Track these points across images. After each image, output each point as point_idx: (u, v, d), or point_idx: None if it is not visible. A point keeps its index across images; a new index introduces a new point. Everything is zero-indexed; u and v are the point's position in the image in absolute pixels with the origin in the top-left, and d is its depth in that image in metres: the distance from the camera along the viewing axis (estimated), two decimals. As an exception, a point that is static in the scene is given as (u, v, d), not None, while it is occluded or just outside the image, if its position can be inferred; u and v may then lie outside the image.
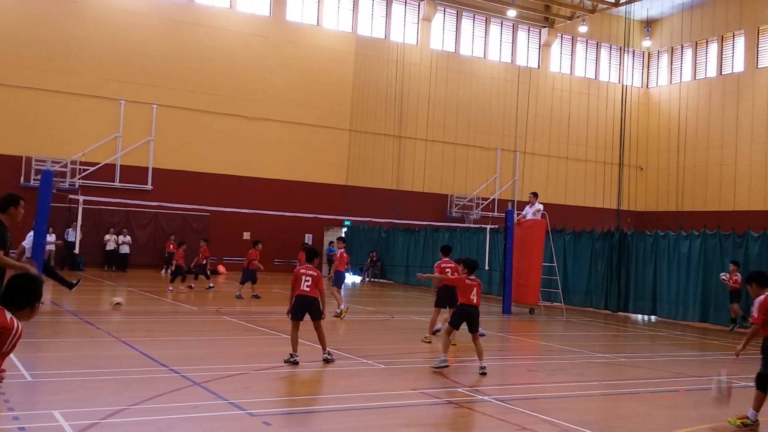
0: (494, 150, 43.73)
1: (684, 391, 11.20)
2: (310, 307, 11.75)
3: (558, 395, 10.69)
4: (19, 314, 4.71)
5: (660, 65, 48.89)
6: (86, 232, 29.94)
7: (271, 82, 37.57)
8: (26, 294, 4.74)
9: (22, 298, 4.72)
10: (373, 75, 40.17)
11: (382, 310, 22.49)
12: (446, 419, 9.21)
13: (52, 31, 33.07)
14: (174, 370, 10.77)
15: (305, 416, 8.63)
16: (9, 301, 4.71)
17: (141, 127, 34.71)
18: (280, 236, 35.45)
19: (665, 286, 22.61)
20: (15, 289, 4.74)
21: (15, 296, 4.72)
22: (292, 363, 11.51)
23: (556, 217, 28.65)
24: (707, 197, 43.50)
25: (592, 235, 25.54)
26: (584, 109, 46.67)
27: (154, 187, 34.37)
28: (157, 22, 35.33)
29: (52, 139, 32.79)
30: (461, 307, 11.95)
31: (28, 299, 4.74)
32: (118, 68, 34.22)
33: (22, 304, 4.73)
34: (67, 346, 12.95)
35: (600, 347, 16.56)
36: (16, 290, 4.74)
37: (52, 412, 7.93)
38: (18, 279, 4.81)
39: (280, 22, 38.25)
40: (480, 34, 44.34)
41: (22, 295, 4.72)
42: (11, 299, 4.71)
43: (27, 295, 4.74)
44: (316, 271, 11.89)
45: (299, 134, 38.19)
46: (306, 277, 11.72)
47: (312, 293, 11.72)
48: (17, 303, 4.71)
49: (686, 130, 45.36)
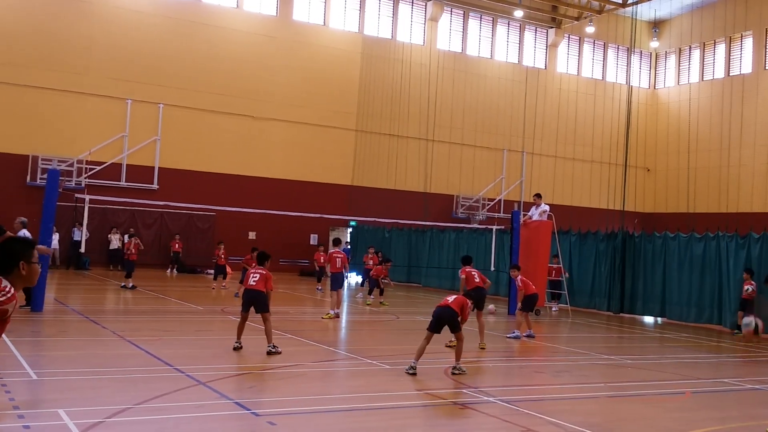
0: (500, 150, 43.67)
1: (690, 394, 11.14)
2: (254, 299, 12.62)
3: (563, 397, 10.65)
4: (12, 279, 4.69)
5: (667, 66, 48.76)
6: (92, 232, 29.99)
7: (278, 81, 37.59)
8: (9, 254, 4.73)
9: (8, 260, 4.71)
10: (379, 75, 40.15)
11: (387, 310, 22.46)
12: (451, 420, 9.18)
13: (59, 31, 33.14)
14: (179, 369, 10.76)
15: (310, 416, 8.61)
16: None
17: (147, 126, 34.77)
18: (285, 236, 35.47)
19: (675, 287, 22.50)
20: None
21: (1, 261, 4.72)
22: (236, 348, 12.58)
23: (563, 218, 28.60)
24: (713, 199, 43.32)
25: (596, 236, 25.48)
26: (591, 109, 46.57)
27: (160, 187, 34.42)
28: (164, 21, 35.38)
29: (58, 138, 32.86)
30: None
31: (13, 258, 4.72)
32: (124, 67, 34.29)
33: (9, 265, 4.71)
34: (72, 345, 12.96)
35: (606, 349, 16.50)
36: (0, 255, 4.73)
37: (57, 411, 7.93)
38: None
39: (286, 21, 38.26)
40: (487, 34, 44.28)
41: (5, 258, 4.71)
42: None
43: (11, 256, 4.73)
44: (266, 271, 12.79)
45: (305, 134, 38.20)
46: (254, 274, 12.72)
47: (258, 287, 12.58)
48: (4, 267, 4.70)
49: (695, 132, 45.22)
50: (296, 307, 22.50)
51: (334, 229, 38.36)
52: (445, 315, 11.47)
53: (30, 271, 4.78)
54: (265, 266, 12.95)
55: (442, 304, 11.62)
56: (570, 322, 21.67)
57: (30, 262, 4.79)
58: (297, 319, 19.24)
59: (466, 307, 11.85)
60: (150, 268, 32.49)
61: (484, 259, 25.79)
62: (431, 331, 11.47)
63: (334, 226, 38.26)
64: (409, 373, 11.10)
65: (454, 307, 11.49)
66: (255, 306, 12.65)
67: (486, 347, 14.57)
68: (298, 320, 18.89)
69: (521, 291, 17.16)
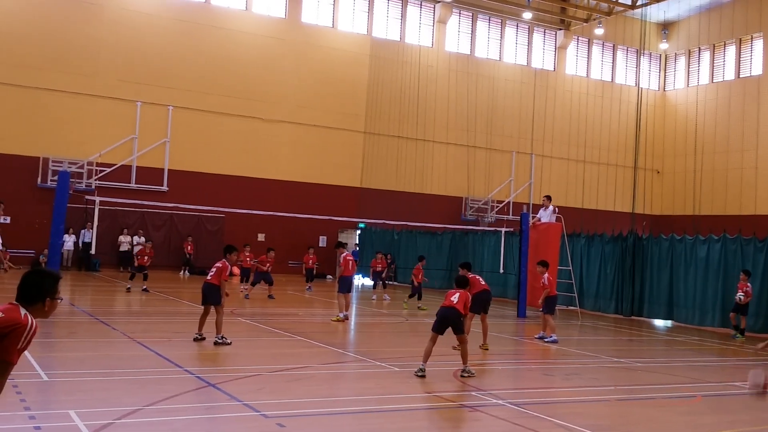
0: (510, 153, 43.60)
1: (701, 398, 11.10)
2: (207, 292, 13.43)
3: (573, 400, 10.63)
4: (32, 310, 4.78)
5: (677, 68, 48.59)
6: (102, 233, 30.06)
7: (286, 84, 37.65)
8: (36, 289, 4.82)
9: (34, 294, 4.80)
10: (388, 77, 40.16)
11: (395, 312, 22.46)
12: (460, 423, 9.19)
13: (68, 33, 33.28)
14: (189, 371, 10.79)
15: (319, 418, 8.61)
16: (22, 297, 4.79)
17: (157, 128, 34.87)
18: (294, 238, 35.50)
19: (682, 290, 22.40)
20: (26, 285, 4.82)
21: (26, 292, 4.80)
22: (197, 339, 13.34)
23: (573, 220, 28.52)
24: (726, 201, 43.18)
25: (602, 238, 25.38)
26: (600, 112, 46.46)
27: (169, 189, 34.51)
28: (173, 24, 35.49)
29: (68, 140, 32.98)
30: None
31: (39, 294, 4.81)
32: (134, 70, 34.40)
33: (34, 299, 4.80)
34: (83, 347, 13.00)
35: (615, 352, 16.47)
36: (27, 286, 4.82)
37: (68, 412, 7.96)
38: (29, 275, 4.89)
39: (295, 24, 38.32)
40: (495, 36, 44.24)
41: (32, 291, 4.81)
42: (23, 295, 4.80)
43: (38, 291, 4.81)
44: (223, 263, 13.48)
45: (314, 136, 38.24)
46: (212, 268, 13.56)
47: (212, 281, 13.40)
48: (29, 299, 4.79)
49: (705, 134, 45.07)
50: (305, 308, 22.54)
51: (343, 231, 38.37)
52: (449, 315, 11.41)
53: (51, 307, 4.89)
54: (229, 258, 13.63)
55: (445, 304, 11.57)
56: (579, 324, 21.62)
57: (54, 299, 4.89)
58: (306, 320, 19.26)
59: (468, 302, 11.81)
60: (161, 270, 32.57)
61: (493, 261, 25.75)
62: (435, 332, 11.43)
63: (343, 228, 38.28)
64: (418, 376, 11.09)
65: (458, 307, 11.44)
66: (207, 298, 13.43)
67: (489, 348, 14.56)
68: (308, 322, 18.91)
69: (546, 290, 17.02)
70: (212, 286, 13.43)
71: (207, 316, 13.55)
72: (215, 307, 13.34)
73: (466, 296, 11.70)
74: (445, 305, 11.54)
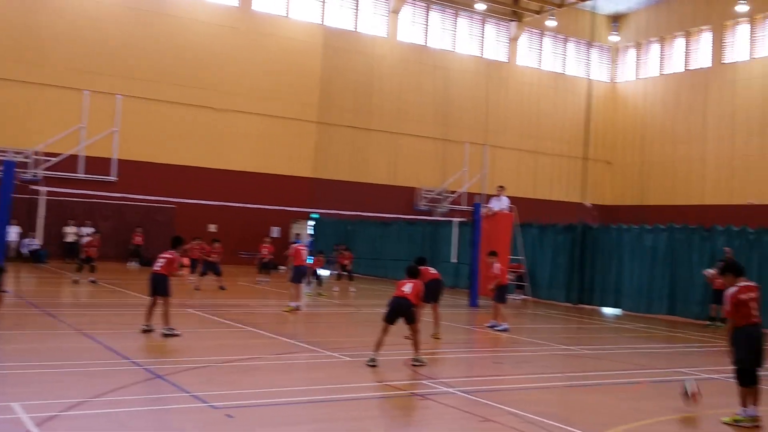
0: (463, 143, 43.79)
1: (646, 384, 11.31)
2: (155, 282, 13.35)
3: (522, 387, 10.75)
4: None
5: (627, 60, 49.25)
6: (49, 224, 29.48)
7: (239, 73, 37.27)
8: None
9: None
10: (341, 67, 40.02)
11: (348, 302, 22.46)
12: (411, 411, 9.22)
13: (13, 20, 32.47)
14: (136, 362, 10.66)
15: (269, 408, 8.57)
16: None
17: (105, 117, 34.24)
18: (246, 229, 35.24)
19: (628, 279, 22.81)
20: None
21: None
22: (144, 331, 13.29)
23: (525, 210, 28.77)
24: (675, 191, 43.96)
25: (554, 228, 25.73)
26: (552, 103, 46.91)
27: (118, 179, 33.95)
28: (123, 11, 34.85)
29: (14, 129, 32.21)
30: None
31: None
32: (82, 58, 33.70)
33: None
34: (29, 339, 12.73)
35: (565, 339, 16.69)
36: None
37: (10, 404, 7.80)
38: None
39: (247, 12, 37.93)
40: (449, 27, 44.33)
41: None
42: None
43: None
44: (172, 254, 13.60)
45: (267, 126, 37.95)
46: (160, 259, 13.56)
47: (161, 272, 13.39)
48: None
49: (654, 125, 45.86)
50: (257, 299, 22.40)
51: (296, 222, 38.19)
52: (401, 305, 11.43)
53: None
54: (177, 249, 13.84)
55: (397, 294, 11.58)
56: (530, 313, 21.86)
57: None
58: (257, 311, 19.15)
59: (421, 292, 11.83)
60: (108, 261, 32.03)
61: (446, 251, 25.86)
62: (387, 322, 11.44)
63: (296, 219, 38.09)
64: (370, 365, 11.10)
65: (410, 297, 11.46)
66: (156, 289, 13.33)
67: (441, 338, 14.65)
68: (259, 313, 18.80)
69: (497, 279, 17.19)
70: (161, 277, 13.38)
71: (155, 307, 13.41)
72: (163, 298, 13.26)
73: (418, 286, 11.72)
74: (396, 295, 11.54)
